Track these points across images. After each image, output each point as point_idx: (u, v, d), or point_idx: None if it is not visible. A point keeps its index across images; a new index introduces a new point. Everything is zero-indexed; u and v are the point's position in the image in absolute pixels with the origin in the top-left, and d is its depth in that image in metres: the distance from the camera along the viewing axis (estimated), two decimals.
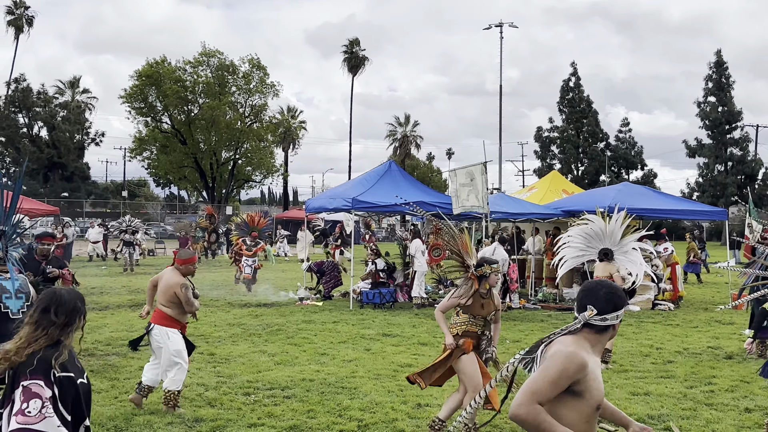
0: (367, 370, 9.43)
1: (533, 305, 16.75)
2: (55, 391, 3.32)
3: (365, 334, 12.34)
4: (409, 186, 17.75)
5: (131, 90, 55.01)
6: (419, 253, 16.56)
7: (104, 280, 21.61)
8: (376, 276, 17.19)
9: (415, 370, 7.20)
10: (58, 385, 3.33)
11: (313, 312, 15.16)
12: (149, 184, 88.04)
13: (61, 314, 3.45)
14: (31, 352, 3.35)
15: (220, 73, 56.67)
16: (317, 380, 8.82)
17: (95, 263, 28.87)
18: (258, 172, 62.01)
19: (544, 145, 68.71)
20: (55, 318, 3.42)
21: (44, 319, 3.42)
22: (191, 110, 57.03)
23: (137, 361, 9.65)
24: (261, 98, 58.87)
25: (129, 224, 26.34)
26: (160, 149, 57.88)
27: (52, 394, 3.31)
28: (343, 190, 18.40)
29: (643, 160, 69.02)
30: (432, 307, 16.39)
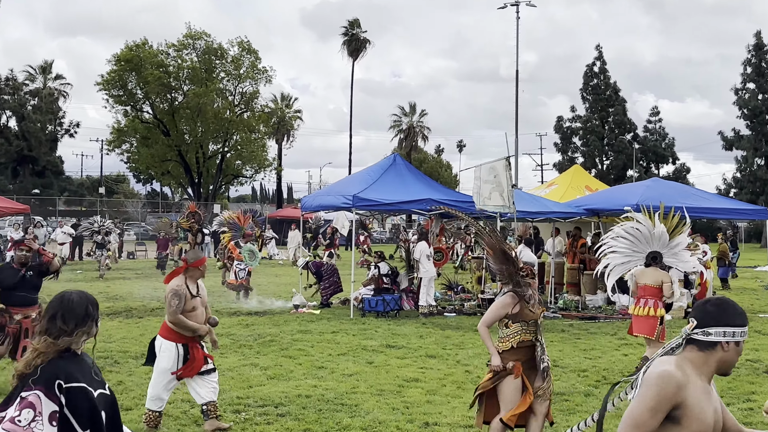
0: (369, 386, 9.43)
1: (553, 314, 16.73)
2: (61, 402, 3.34)
3: (367, 346, 12.34)
4: (417, 182, 17.74)
5: (109, 76, 55.06)
6: (425, 257, 16.54)
7: (79, 285, 21.62)
8: (379, 281, 17.19)
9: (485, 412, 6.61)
10: (66, 396, 3.35)
11: (309, 321, 15.16)
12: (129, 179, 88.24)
13: (70, 321, 3.48)
14: (39, 363, 3.39)
15: (207, 57, 56.73)
16: (314, 396, 8.82)
17: (69, 267, 28.87)
18: (249, 167, 62.07)
19: (565, 137, 68.68)
20: (64, 325, 3.45)
21: (52, 327, 3.46)
22: (175, 98, 57.10)
23: (116, 375, 9.66)
24: (252, 85, 58.97)
25: (101, 225, 26.36)
26: (141, 141, 57.97)
27: (55, 407, 3.33)
28: (343, 187, 18.39)
29: (675, 153, 68.99)
30: (441, 315, 16.40)
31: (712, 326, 3.05)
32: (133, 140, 58.83)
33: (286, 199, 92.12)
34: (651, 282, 10.19)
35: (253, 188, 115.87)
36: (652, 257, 10.61)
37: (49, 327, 3.46)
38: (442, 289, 19.64)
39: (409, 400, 8.66)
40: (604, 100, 67.21)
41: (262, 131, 61.23)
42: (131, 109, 57.37)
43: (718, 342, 3.05)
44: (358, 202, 16.41)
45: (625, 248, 10.97)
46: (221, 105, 57.52)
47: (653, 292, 10.17)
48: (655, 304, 10.09)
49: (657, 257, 10.62)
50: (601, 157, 68.11)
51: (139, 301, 17.98)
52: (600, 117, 67.41)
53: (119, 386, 9.12)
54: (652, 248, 10.75)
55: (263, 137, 62.06)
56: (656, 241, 10.83)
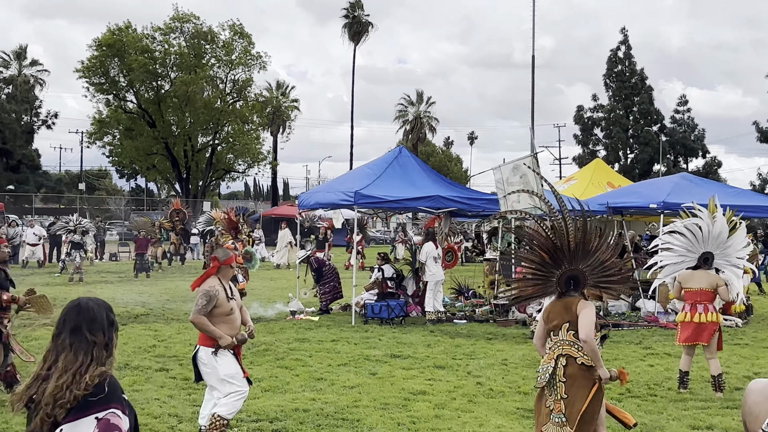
0: (372, 399, 9.44)
1: None
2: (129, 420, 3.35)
3: (370, 356, 12.35)
4: (424, 176, 17.73)
5: (89, 62, 55.15)
6: (431, 259, 16.54)
7: (57, 290, 21.67)
8: (383, 285, 17.21)
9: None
10: (129, 409, 3.37)
11: (307, 328, 15.19)
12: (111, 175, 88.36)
13: (98, 331, 3.43)
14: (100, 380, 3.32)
15: (196, 42, 56.78)
16: (313, 410, 8.83)
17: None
18: (241, 161, 62.11)
19: (585, 128, 68.60)
20: (93, 336, 3.41)
21: (79, 340, 3.40)
22: (161, 86, 57.17)
23: None
24: (245, 72, 58.99)
25: (77, 223, 26.31)
26: (124, 133, 58.05)
27: (128, 423, 3.33)
28: (344, 182, 18.39)
29: (705, 145, 68.86)
30: (450, 322, 16.40)
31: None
32: (116, 132, 58.90)
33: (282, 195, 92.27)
34: (706, 286, 10.10)
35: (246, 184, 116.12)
36: (704, 259, 10.46)
37: (75, 342, 3.39)
38: (451, 293, 19.65)
39: (415, 415, 8.66)
40: (628, 88, 67.08)
41: (256, 122, 61.25)
42: (114, 99, 57.45)
43: None
44: (360, 199, 16.40)
45: (681, 246, 10.71)
46: (211, 94, 57.57)
47: (709, 297, 10.10)
48: (711, 310, 10.04)
49: (709, 259, 10.48)
50: (625, 150, 68.03)
51: (123, 306, 18.02)
52: (624, 106, 67.29)
53: None
54: (707, 248, 10.55)
55: (257, 129, 62.08)
56: (713, 241, 10.60)
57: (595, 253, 6.34)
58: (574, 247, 6.28)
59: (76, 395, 3.26)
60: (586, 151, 67.58)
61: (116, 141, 59.30)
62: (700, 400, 9.60)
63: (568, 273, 6.29)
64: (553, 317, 6.20)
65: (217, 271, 7.41)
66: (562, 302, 6.23)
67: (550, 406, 6.01)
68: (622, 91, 67.14)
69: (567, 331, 6.09)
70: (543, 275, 6.41)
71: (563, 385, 5.99)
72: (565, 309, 6.16)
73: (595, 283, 6.40)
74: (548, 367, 6.05)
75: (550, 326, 6.20)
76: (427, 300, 16.60)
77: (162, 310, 17.67)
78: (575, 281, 6.29)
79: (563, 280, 6.29)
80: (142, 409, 8.71)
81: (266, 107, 64.12)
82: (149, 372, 10.84)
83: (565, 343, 6.07)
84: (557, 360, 6.03)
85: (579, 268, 6.30)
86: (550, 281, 6.37)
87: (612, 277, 6.43)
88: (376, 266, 18.00)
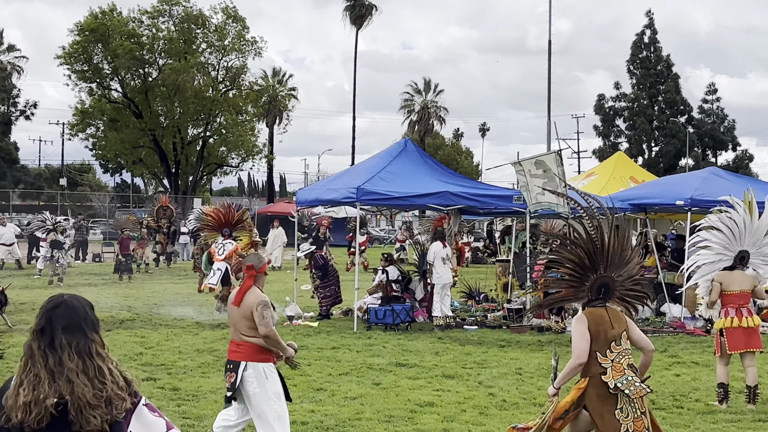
0: (376, 410, 9.45)
1: None
2: None
3: (373, 364, 12.36)
4: (432, 171, 17.70)
5: (71, 48, 55.30)
6: (439, 260, 16.52)
7: (37, 293, 21.71)
8: (387, 288, 17.21)
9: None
10: None
11: (306, 335, 15.19)
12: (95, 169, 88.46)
13: (92, 330, 3.55)
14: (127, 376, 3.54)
15: (186, 26, 56.92)
16: (312, 423, 8.85)
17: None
18: (235, 154, 62.27)
19: (606, 119, 68.60)
20: (91, 334, 3.53)
21: (78, 340, 3.48)
22: (149, 74, 57.32)
23: None
24: (239, 58, 59.10)
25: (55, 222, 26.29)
26: (109, 124, 58.20)
27: None
28: (346, 177, 18.40)
29: (735, 138, 68.82)
30: (459, 328, 16.41)
31: None
32: (100, 123, 59.09)
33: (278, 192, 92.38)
34: (748, 287, 10.02)
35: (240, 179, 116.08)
36: (741, 258, 10.30)
37: (72, 340, 3.45)
38: (461, 297, 19.65)
39: (422, 428, 8.67)
40: (653, 76, 67.00)
41: (251, 112, 61.38)
42: (97, 87, 57.61)
43: None
44: (364, 195, 16.39)
45: (719, 244, 10.51)
46: (202, 82, 57.66)
47: (749, 299, 10.07)
48: (755, 312, 10.05)
49: (745, 257, 10.33)
50: (649, 142, 68.05)
51: (107, 311, 18.05)
52: (649, 95, 67.23)
53: None
54: (743, 246, 10.39)
55: (252, 119, 62.19)
56: (749, 237, 10.44)
57: (628, 264, 6.40)
58: (612, 252, 6.32)
59: (119, 393, 3.45)
60: (607, 144, 67.59)
61: (100, 133, 59.47)
62: (731, 413, 9.58)
63: (602, 279, 6.31)
64: (606, 328, 6.11)
65: (255, 279, 7.30)
66: (605, 312, 6.22)
67: (628, 428, 5.91)
68: (647, 78, 67.06)
69: (627, 340, 6.14)
70: (579, 277, 6.40)
71: (641, 399, 6.01)
72: (614, 319, 6.18)
73: (622, 295, 6.44)
74: (631, 378, 5.98)
75: (609, 336, 6.10)
76: (434, 304, 16.60)
77: (149, 315, 17.69)
78: (606, 289, 6.30)
79: (596, 285, 6.30)
80: None
81: (262, 96, 64.19)
82: None
83: (629, 353, 6.10)
84: (630, 369, 6.01)
85: (612, 276, 6.33)
86: (584, 285, 6.37)
87: (637, 293, 6.51)
88: (380, 268, 17.99)
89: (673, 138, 66.38)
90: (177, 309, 18.70)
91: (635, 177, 24.51)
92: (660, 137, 67.58)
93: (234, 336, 7.23)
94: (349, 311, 17.77)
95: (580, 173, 48.29)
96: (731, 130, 68.74)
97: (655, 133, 67.70)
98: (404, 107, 79.62)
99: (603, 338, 6.07)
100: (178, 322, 16.52)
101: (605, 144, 67.97)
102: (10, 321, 15.81)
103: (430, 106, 79.05)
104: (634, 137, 67.47)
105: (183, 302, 20.19)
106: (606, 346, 6.07)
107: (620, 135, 68.67)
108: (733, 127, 68.94)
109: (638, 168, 29.26)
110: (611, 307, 6.30)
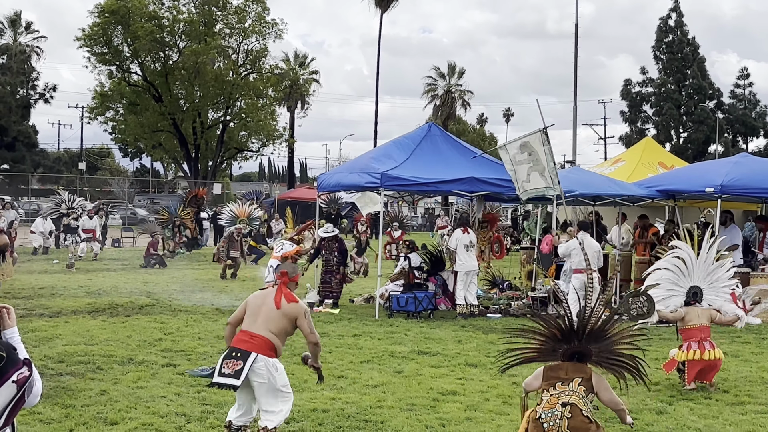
0: (397, 399, 9.45)
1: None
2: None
3: (395, 352, 12.36)
4: (458, 156, 17.53)
5: (91, 30, 55.45)
6: (462, 246, 16.47)
7: (56, 278, 21.87)
8: (409, 276, 17.19)
9: None
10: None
11: (327, 322, 15.22)
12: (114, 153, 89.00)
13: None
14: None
15: (207, 8, 56.93)
16: (332, 411, 8.85)
17: (45, 256, 29.20)
18: (255, 139, 62.34)
19: (633, 104, 68.14)
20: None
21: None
22: (169, 57, 57.41)
23: (98, 383, 9.75)
24: (259, 41, 59.05)
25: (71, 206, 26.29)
26: (128, 108, 58.40)
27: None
28: (368, 162, 18.23)
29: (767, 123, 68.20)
30: (483, 316, 16.37)
31: None
32: (119, 107, 59.30)
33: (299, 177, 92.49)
34: (705, 321, 10.25)
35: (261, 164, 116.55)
36: (693, 293, 10.83)
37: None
38: (484, 285, 19.61)
39: (445, 417, 8.65)
40: (680, 60, 66.46)
41: (271, 96, 61.35)
42: (117, 70, 57.78)
43: None
44: (388, 180, 16.31)
45: (669, 281, 11.13)
46: (223, 65, 57.70)
47: (708, 333, 10.29)
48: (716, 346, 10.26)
49: (698, 293, 10.87)
50: (677, 128, 67.54)
51: (126, 297, 18.14)
52: (676, 80, 66.72)
53: (102, 396, 9.21)
54: (693, 282, 11.01)
55: (272, 103, 62.17)
56: (698, 273, 11.07)
57: (608, 339, 6.60)
58: (588, 331, 6.51)
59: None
60: (634, 130, 67.17)
61: (119, 117, 59.67)
62: (759, 404, 9.52)
63: (576, 349, 6.48)
64: (559, 373, 6.34)
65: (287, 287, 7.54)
66: (570, 364, 6.42)
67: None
68: (674, 63, 66.54)
69: (578, 386, 6.24)
70: (548, 348, 6.60)
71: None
72: (576, 368, 6.37)
73: (599, 361, 6.62)
74: (556, 413, 6.10)
75: (555, 379, 6.30)
76: (457, 292, 16.55)
77: (169, 301, 17.76)
78: (580, 356, 6.48)
79: (568, 353, 6.48)
80: (147, 407, 8.77)
81: (282, 80, 64.11)
82: (155, 367, 10.90)
83: (575, 394, 6.19)
84: (562, 407, 6.11)
85: (587, 347, 6.50)
86: (555, 353, 6.55)
87: (618, 365, 6.65)
88: (402, 255, 17.96)
89: (702, 124, 65.80)
90: (197, 295, 18.78)
91: (664, 163, 24.33)
92: (688, 123, 67.07)
93: (253, 328, 7.31)
94: (371, 298, 17.77)
95: (606, 159, 48.05)
96: (763, 115, 68.15)
97: (683, 119, 67.18)
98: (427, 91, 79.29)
99: (554, 378, 6.31)
100: (197, 308, 16.57)
101: (632, 130, 67.58)
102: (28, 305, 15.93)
103: (454, 90, 78.68)
104: (662, 123, 66.99)
105: (203, 288, 20.27)
106: (554, 383, 6.28)
107: (648, 121, 68.25)
108: (766, 113, 68.35)
109: (667, 154, 29.01)
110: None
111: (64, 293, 18.71)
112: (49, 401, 8.92)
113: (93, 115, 60.12)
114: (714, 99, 67.93)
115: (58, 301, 17.41)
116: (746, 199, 18.88)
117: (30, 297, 17.43)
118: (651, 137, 47.26)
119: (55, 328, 13.86)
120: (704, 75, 67.20)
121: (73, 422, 8.27)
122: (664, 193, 18.53)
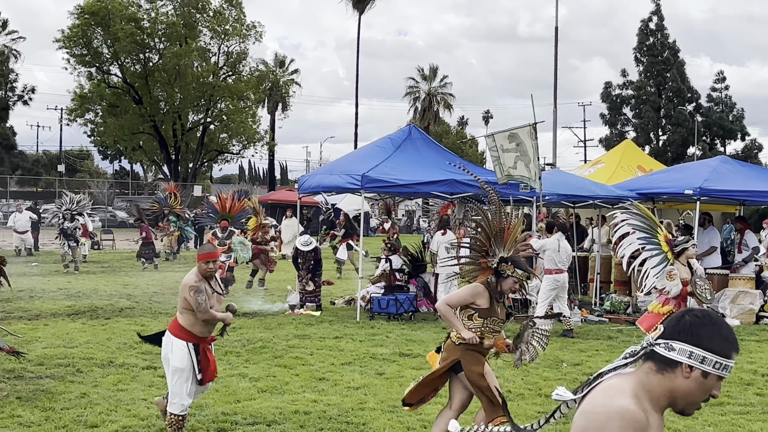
0: (379, 401, 9.46)
1: (598, 317, 16.70)
2: None
3: (377, 354, 12.37)
4: (438, 157, 17.59)
5: (71, 31, 55.16)
6: (443, 248, 16.51)
7: (35, 280, 21.75)
8: (391, 278, 17.19)
9: (410, 390, 7.50)
10: None
11: (308, 324, 15.20)
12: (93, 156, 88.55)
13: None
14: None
15: (186, 11, 56.76)
16: (314, 413, 8.85)
17: (24, 259, 29.02)
18: (236, 141, 62.17)
19: (613, 107, 68.43)
20: None
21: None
22: (149, 59, 57.20)
23: (78, 386, 9.70)
24: (239, 43, 58.95)
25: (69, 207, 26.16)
26: (108, 110, 58.12)
27: None
28: (349, 164, 18.26)
29: (744, 127, 68.68)
30: None
31: (678, 340, 2.81)
32: (99, 109, 58.98)
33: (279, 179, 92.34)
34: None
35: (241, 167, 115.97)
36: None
37: None
38: None
39: (426, 419, 8.67)
40: (661, 63, 66.83)
41: (252, 99, 61.26)
42: (97, 72, 57.51)
43: (679, 363, 2.81)
44: (368, 182, 16.34)
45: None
46: (203, 67, 57.57)
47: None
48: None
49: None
50: (656, 131, 67.89)
51: (106, 299, 18.07)
52: (656, 83, 67.08)
53: (83, 399, 9.17)
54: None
55: (253, 106, 62.09)
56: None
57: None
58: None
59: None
60: (614, 132, 67.44)
61: (99, 118, 59.35)
62: (739, 404, 9.58)
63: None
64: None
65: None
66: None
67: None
68: (654, 66, 66.89)
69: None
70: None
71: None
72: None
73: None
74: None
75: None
76: (439, 294, 16.56)
77: (149, 303, 17.70)
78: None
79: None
80: (128, 410, 8.74)
81: (262, 82, 64.06)
82: (135, 370, 10.87)
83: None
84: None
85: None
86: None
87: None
88: (382, 256, 17.96)
89: (680, 127, 66.18)
90: (177, 297, 18.69)
91: (643, 166, 24.44)
92: (667, 126, 67.45)
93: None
94: (352, 300, 17.76)
95: (586, 162, 48.24)
96: (740, 119, 68.60)
97: (662, 122, 67.56)
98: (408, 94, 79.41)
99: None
100: (176, 310, 16.52)
101: (612, 133, 67.86)
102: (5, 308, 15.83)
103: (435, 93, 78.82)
104: (641, 126, 67.34)
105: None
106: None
107: (627, 123, 68.56)
108: (742, 116, 68.84)
109: (646, 157, 29.13)
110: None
111: (44, 296, 18.61)
112: (29, 404, 8.88)
113: (72, 116, 59.77)
114: (692, 102, 68.33)
115: (38, 303, 17.32)
116: (725, 202, 18.99)
117: (8, 300, 17.31)
118: (630, 140, 47.56)
119: (34, 330, 13.79)
120: (683, 78, 67.57)
121: (53, 425, 8.23)
122: (643, 195, 18.61)
